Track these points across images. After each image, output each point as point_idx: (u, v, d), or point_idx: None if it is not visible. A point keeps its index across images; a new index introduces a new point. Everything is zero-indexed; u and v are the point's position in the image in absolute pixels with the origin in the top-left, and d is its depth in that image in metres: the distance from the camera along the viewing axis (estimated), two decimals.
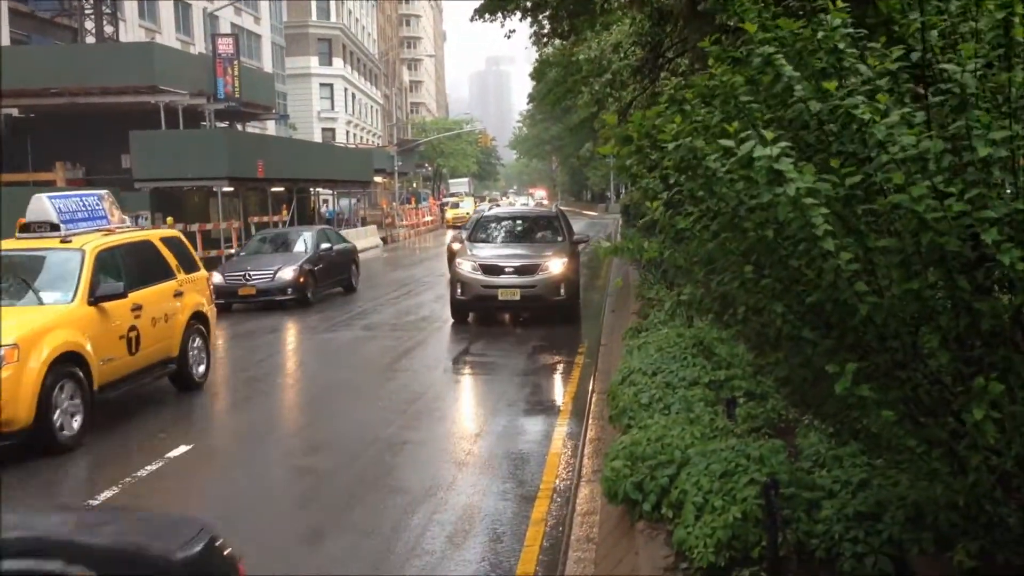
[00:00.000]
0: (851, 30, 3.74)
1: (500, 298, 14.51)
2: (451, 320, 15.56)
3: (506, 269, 14.63)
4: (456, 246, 21.17)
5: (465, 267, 14.84)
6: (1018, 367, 3.29)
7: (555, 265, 14.57)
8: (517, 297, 14.39)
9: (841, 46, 3.65)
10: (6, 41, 28.52)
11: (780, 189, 3.29)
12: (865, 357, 3.54)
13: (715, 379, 7.72)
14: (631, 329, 11.45)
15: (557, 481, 7.24)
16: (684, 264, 4.26)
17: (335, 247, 20.42)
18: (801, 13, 4.24)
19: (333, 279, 20.08)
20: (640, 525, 5.33)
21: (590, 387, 10.27)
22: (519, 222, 17.59)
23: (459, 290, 14.82)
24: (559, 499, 6.82)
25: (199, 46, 40.74)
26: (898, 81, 3.72)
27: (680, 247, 4.37)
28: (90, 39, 32.08)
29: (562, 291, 14.52)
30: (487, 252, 15.43)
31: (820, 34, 3.68)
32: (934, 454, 3.57)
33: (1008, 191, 3.32)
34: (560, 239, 15.94)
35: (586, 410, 9.27)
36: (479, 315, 15.68)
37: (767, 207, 3.44)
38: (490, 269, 14.64)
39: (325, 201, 46.06)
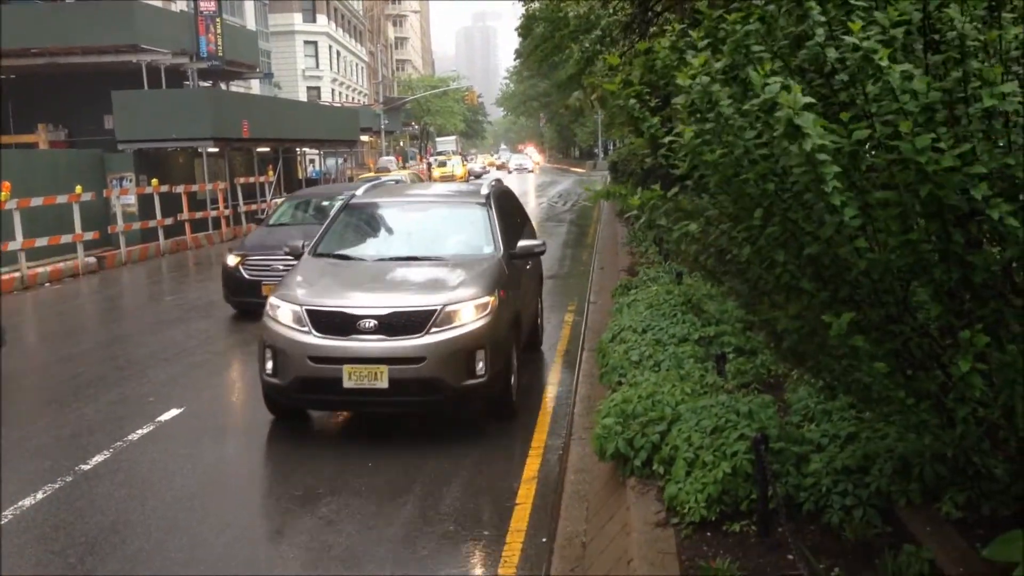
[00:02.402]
0: None
1: (347, 384, 7.04)
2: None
3: (362, 323, 7.13)
4: (232, 260, 12.63)
5: (282, 316, 7.42)
6: (1008, 319, 3.31)
7: (466, 310, 7.29)
8: (383, 383, 7.00)
9: None
10: None
11: (794, 143, 3.23)
12: (859, 310, 3.57)
13: (705, 335, 7.77)
14: (620, 286, 11.49)
15: (548, 439, 7.29)
16: (687, 210, 4.24)
17: None
18: None
19: None
20: (631, 481, 5.39)
21: (580, 346, 10.30)
22: (413, 218, 9.42)
23: (269, 364, 7.40)
24: (551, 457, 6.86)
25: (180, 3, 40.09)
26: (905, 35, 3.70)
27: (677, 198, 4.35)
28: None
29: (480, 365, 7.21)
30: (329, 284, 7.92)
31: None
32: (923, 406, 3.61)
33: (999, 145, 3.31)
34: (488, 249, 8.48)
35: (576, 369, 9.31)
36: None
37: (773, 158, 3.42)
38: (329, 322, 7.22)
39: (312, 161, 45.70)
